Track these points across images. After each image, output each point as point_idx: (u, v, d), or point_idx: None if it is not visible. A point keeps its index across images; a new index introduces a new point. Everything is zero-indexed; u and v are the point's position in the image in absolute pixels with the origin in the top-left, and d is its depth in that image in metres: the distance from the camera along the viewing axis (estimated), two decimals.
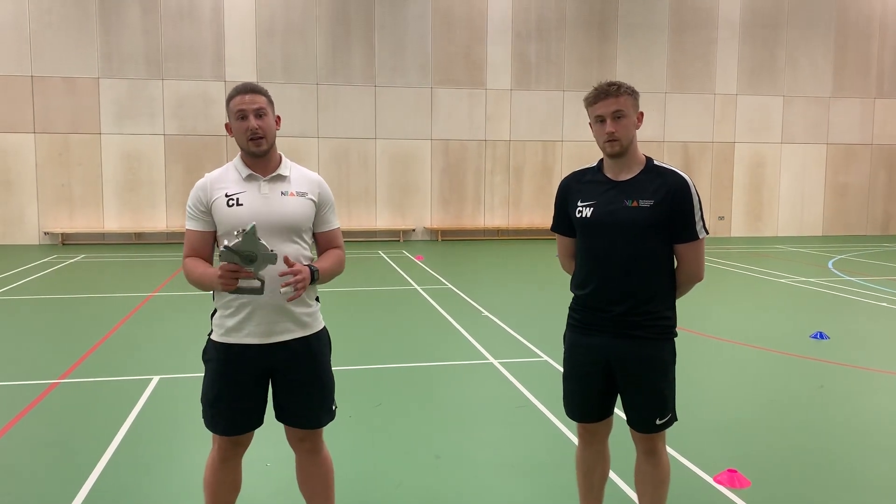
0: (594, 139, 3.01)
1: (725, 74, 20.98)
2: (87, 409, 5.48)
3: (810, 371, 6.62)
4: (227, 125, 3.11)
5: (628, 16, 20.25)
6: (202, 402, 3.03)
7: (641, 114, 2.98)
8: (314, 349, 3.04)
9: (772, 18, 21.03)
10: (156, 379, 6.09)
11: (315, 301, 3.08)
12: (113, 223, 18.19)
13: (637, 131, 2.98)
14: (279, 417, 3.09)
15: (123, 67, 17.94)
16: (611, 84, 2.92)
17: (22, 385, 6.07)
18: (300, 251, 2.97)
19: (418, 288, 11.23)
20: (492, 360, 6.87)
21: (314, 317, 3.06)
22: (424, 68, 19.38)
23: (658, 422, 3.01)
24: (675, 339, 3.06)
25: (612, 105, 2.89)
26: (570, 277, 3.25)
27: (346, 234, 19.08)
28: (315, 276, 2.92)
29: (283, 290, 2.76)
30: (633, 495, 3.84)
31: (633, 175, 2.97)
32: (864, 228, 22.24)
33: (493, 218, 20.19)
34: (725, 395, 5.97)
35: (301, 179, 3.06)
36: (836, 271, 13.48)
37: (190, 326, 8.04)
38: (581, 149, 19.96)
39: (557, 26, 19.94)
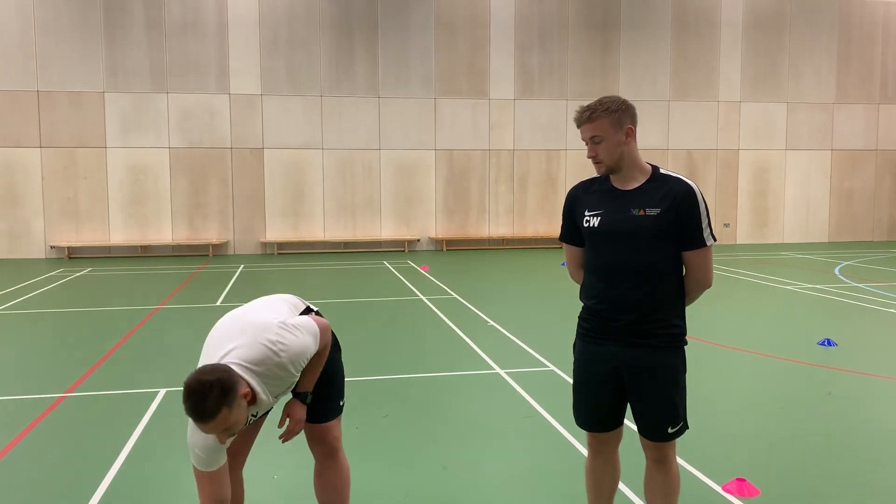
0: None
1: (729, 81, 20.99)
2: (95, 423, 5.48)
3: (818, 378, 6.59)
4: None
5: (631, 24, 20.28)
6: None
7: (630, 129, 2.95)
8: None
9: (775, 25, 21.04)
10: (163, 392, 6.09)
11: None
12: (119, 236, 18.24)
13: (639, 140, 2.99)
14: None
15: (128, 81, 18.04)
16: (584, 110, 2.95)
17: (29, 399, 6.07)
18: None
19: (423, 298, 11.23)
20: (498, 370, 6.85)
21: None
22: (428, 79, 19.44)
23: (670, 430, 3.00)
24: (685, 347, 3.05)
25: (587, 131, 2.95)
26: (576, 286, 3.25)
27: (352, 244, 19.13)
28: (307, 401, 3.07)
29: (284, 442, 3.07)
30: None
31: (640, 184, 2.97)
32: (870, 234, 22.17)
33: (498, 227, 20.18)
34: (733, 403, 5.94)
35: (277, 384, 2.86)
36: (842, 278, 13.43)
37: (197, 339, 8.02)
38: (585, 157, 19.79)
39: (560, 35, 19.99)
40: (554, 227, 19.90)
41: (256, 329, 2.81)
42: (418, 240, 19.72)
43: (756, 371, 6.91)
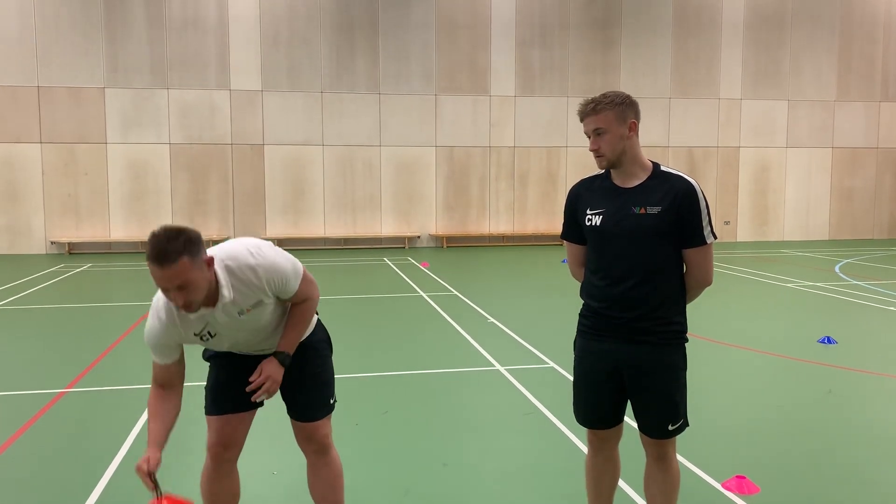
0: None
1: (729, 79, 20.97)
2: (95, 419, 5.48)
3: (818, 376, 6.59)
4: None
5: (631, 21, 20.26)
6: (205, 391, 3.16)
7: (634, 123, 2.94)
8: (307, 346, 3.15)
9: (776, 22, 21.02)
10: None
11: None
12: (119, 232, 18.24)
13: (641, 137, 2.98)
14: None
15: (129, 77, 18.02)
16: (589, 102, 2.94)
17: (29, 394, 6.08)
18: (279, 327, 3.07)
19: (424, 295, 11.23)
20: (498, 366, 6.85)
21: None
22: (428, 75, 19.42)
23: (670, 427, 3.01)
24: (686, 344, 3.05)
25: (591, 123, 2.92)
26: (576, 283, 3.26)
27: (352, 241, 19.12)
28: (285, 361, 2.99)
29: (257, 401, 2.98)
30: (643, 502, 3.82)
31: (641, 181, 2.97)
32: (870, 232, 22.16)
33: (498, 224, 20.18)
34: (733, 400, 5.94)
35: (245, 292, 2.80)
36: (843, 275, 13.43)
37: None
38: (586, 155, 19.91)
39: (561, 32, 19.97)
40: (554, 225, 19.90)
41: (240, 240, 2.94)
42: (419, 236, 19.72)
43: (756, 368, 6.92)
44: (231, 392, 3.07)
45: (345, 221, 19.26)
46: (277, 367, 2.93)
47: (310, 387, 3.14)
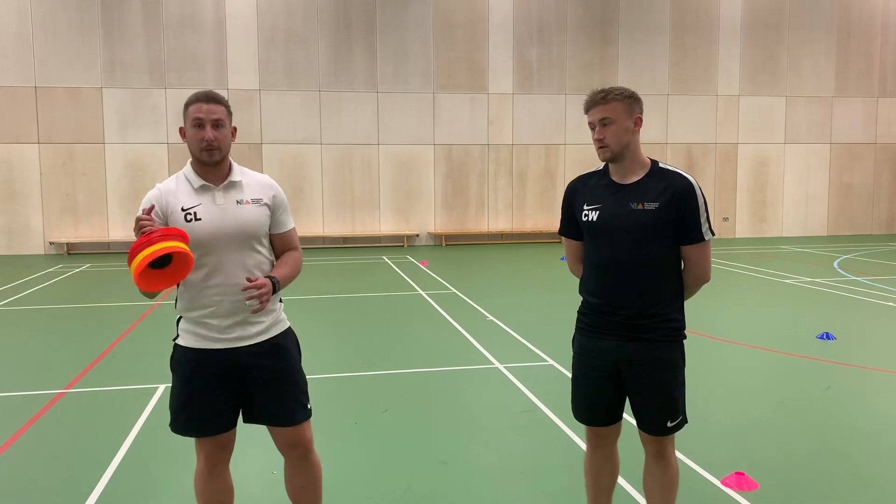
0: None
1: (728, 75, 20.96)
2: (93, 419, 5.48)
3: (817, 372, 6.60)
4: (181, 129, 3.06)
5: (629, 18, 20.25)
6: (170, 409, 3.03)
7: (639, 118, 2.96)
8: (281, 346, 3.08)
9: (773, 19, 21.01)
10: (161, 388, 6.09)
11: (278, 303, 3.15)
12: (118, 232, 18.23)
13: (640, 134, 2.99)
14: (254, 419, 3.09)
15: (126, 77, 18.00)
16: (599, 91, 2.95)
17: (28, 395, 6.08)
18: (260, 260, 3.02)
19: (423, 293, 11.23)
20: (497, 364, 6.86)
21: (277, 317, 3.11)
22: (426, 73, 19.40)
23: (669, 424, 3.01)
24: (684, 341, 3.06)
25: (599, 112, 2.92)
26: (576, 280, 3.26)
27: (350, 239, 19.12)
28: (276, 287, 2.97)
29: (247, 302, 2.87)
30: (642, 499, 3.83)
31: (639, 178, 2.97)
32: (868, 228, 22.18)
33: (497, 222, 20.18)
34: (732, 397, 5.95)
35: (254, 185, 3.07)
36: (841, 271, 13.44)
37: None
38: (584, 152, 19.95)
39: (558, 30, 19.96)
40: (553, 222, 19.90)
41: None
42: (417, 235, 19.72)
43: (755, 365, 6.92)
44: (214, 416, 3.00)
45: (343, 220, 19.26)
46: (270, 286, 2.90)
47: (284, 391, 3.08)
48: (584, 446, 3.89)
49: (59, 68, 17.71)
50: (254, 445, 3.40)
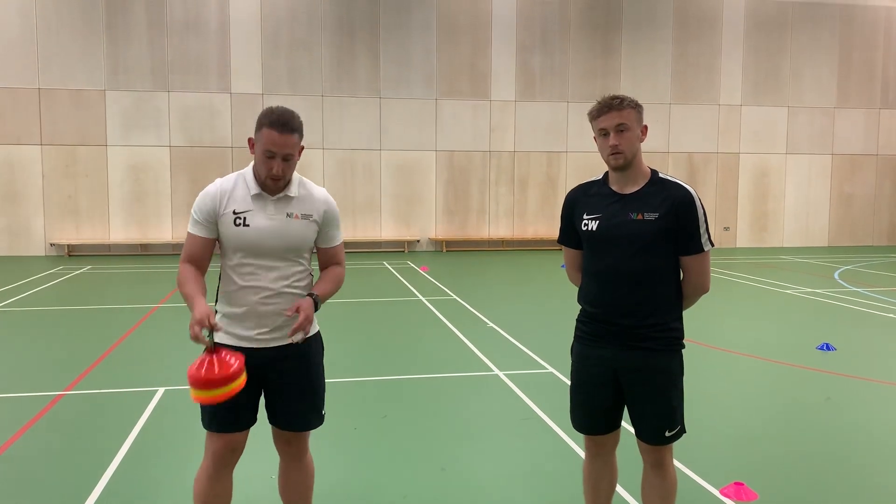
0: (598, 151, 3.03)
1: (730, 85, 21.00)
2: (93, 421, 5.48)
3: (817, 383, 6.59)
4: (250, 140, 3.04)
5: (632, 26, 20.30)
6: (206, 411, 3.07)
7: (645, 127, 2.99)
8: (308, 352, 3.13)
9: (776, 29, 21.06)
10: (161, 390, 6.09)
11: None
12: (119, 234, 18.24)
13: (642, 143, 3.00)
14: (273, 420, 3.17)
15: (130, 79, 18.05)
16: (614, 98, 2.94)
17: (28, 396, 6.08)
18: (299, 270, 3.09)
19: (423, 299, 11.23)
20: (497, 371, 6.85)
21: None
22: (429, 80, 19.45)
23: (667, 433, 3.01)
24: (683, 350, 3.06)
25: (615, 118, 2.91)
26: (576, 289, 3.26)
27: (352, 244, 19.13)
28: (318, 305, 3.03)
29: (293, 338, 2.94)
30: None
31: (639, 188, 2.98)
32: (869, 239, 22.18)
33: (498, 229, 20.19)
34: (731, 407, 5.94)
35: (307, 200, 3.07)
36: (842, 282, 13.44)
37: None
38: (585, 160, 19.98)
39: (561, 37, 20.00)
40: (554, 229, 19.90)
41: None
42: (418, 241, 19.73)
43: (754, 375, 6.92)
44: (236, 412, 3.04)
45: (344, 225, 19.05)
46: (311, 305, 2.97)
47: (304, 398, 3.13)
48: (582, 454, 3.89)
49: (62, 70, 17.75)
50: (254, 450, 3.40)
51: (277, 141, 2.88)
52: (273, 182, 2.95)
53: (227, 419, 3.04)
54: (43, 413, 5.60)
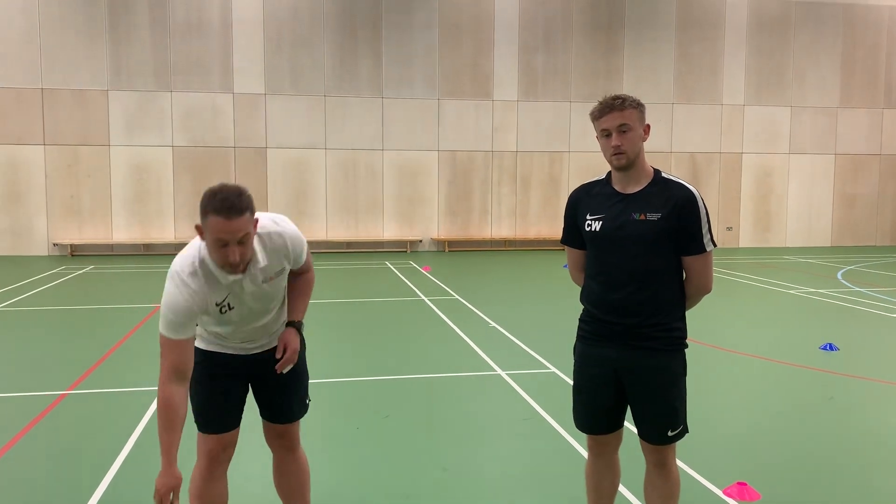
0: (601, 151, 3.02)
1: (733, 85, 20.97)
2: (96, 421, 5.48)
3: (820, 383, 6.58)
4: (198, 227, 2.71)
5: (635, 26, 20.28)
6: (192, 405, 3.09)
7: (648, 126, 2.98)
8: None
9: (779, 29, 21.03)
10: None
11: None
12: (122, 234, 18.26)
13: (644, 143, 2.99)
14: (261, 413, 3.26)
15: (132, 79, 18.07)
16: (615, 98, 2.93)
17: (30, 396, 6.08)
18: (278, 310, 3.12)
19: (425, 299, 11.23)
20: (499, 371, 6.85)
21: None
22: (431, 80, 19.44)
23: (670, 433, 3.00)
24: (685, 350, 3.06)
25: (617, 119, 2.90)
26: (578, 288, 3.26)
27: (354, 244, 19.14)
28: (301, 329, 3.11)
29: (283, 371, 3.02)
30: None
31: (641, 188, 2.97)
32: (873, 239, 22.14)
33: (501, 229, 20.19)
34: (735, 407, 5.94)
35: (272, 256, 2.89)
36: (845, 282, 13.42)
37: None
38: (588, 160, 19.96)
39: (564, 37, 19.99)
40: (556, 229, 19.90)
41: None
42: (420, 241, 19.72)
43: (757, 375, 6.91)
44: (225, 409, 3.11)
45: (347, 225, 19.28)
46: (296, 335, 3.04)
47: (290, 389, 3.20)
48: (585, 454, 3.89)
49: (65, 70, 17.77)
50: (253, 449, 3.40)
51: (227, 228, 2.58)
52: (232, 270, 2.73)
53: (218, 420, 3.09)
54: (45, 413, 5.60)
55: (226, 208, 2.57)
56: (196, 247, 2.82)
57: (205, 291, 2.77)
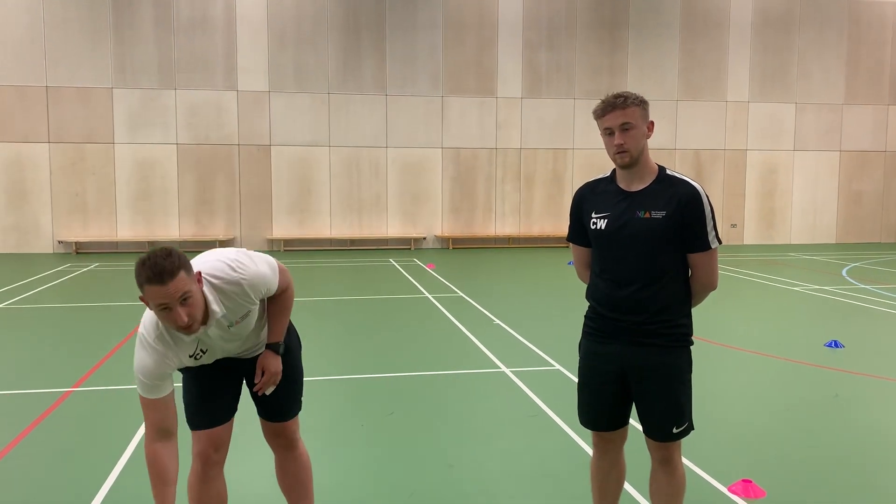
0: (605, 149, 3.02)
1: (737, 81, 20.92)
2: (101, 418, 5.50)
3: (825, 380, 6.57)
4: (142, 298, 2.63)
5: (639, 23, 20.24)
6: (184, 402, 3.10)
7: (652, 123, 2.97)
8: (287, 347, 3.20)
9: (783, 25, 20.96)
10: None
11: None
12: (126, 232, 18.30)
13: (649, 140, 2.98)
14: (257, 409, 3.25)
15: (137, 77, 18.08)
16: (618, 96, 2.93)
17: (36, 393, 6.10)
18: (258, 329, 3.10)
19: (429, 296, 11.23)
20: (504, 368, 6.85)
21: None
22: (435, 77, 19.43)
23: (675, 430, 3.00)
24: (691, 347, 3.05)
25: (619, 117, 2.90)
26: (583, 285, 3.26)
27: (358, 242, 19.15)
28: (280, 351, 3.09)
29: (260, 393, 3.03)
30: None
31: (646, 185, 2.97)
32: (878, 236, 22.08)
33: (504, 226, 20.17)
34: (740, 404, 5.93)
35: (234, 306, 2.84)
36: (850, 279, 13.38)
37: None
38: (592, 157, 19.94)
39: (568, 34, 19.96)
40: (560, 227, 19.89)
41: (215, 253, 2.91)
42: (424, 238, 19.72)
43: (762, 372, 6.90)
44: (214, 405, 3.10)
45: (351, 222, 19.29)
46: (274, 357, 3.03)
47: (282, 388, 3.19)
48: (590, 451, 3.88)
49: (69, 68, 17.80)
50: (254, 447, 3.41)
51: (163, 293, 2.54)
52: (186, 331, 2.66)
53: (207, 415, 3.08)
54: (51, 410, 5.62)
55: (157, 274, 2.53)
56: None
57: (174, 351, 2.80)
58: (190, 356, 2.86)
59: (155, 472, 2.76)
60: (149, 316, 2.79)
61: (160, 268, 2.53)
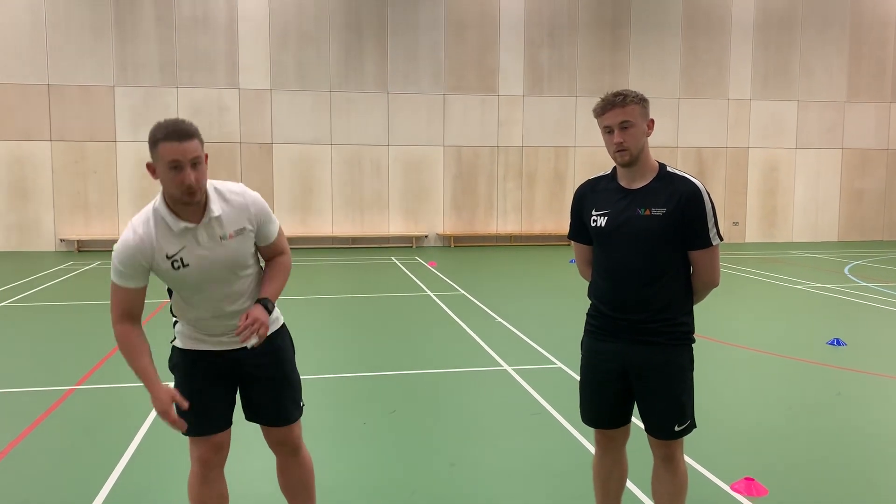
0: (605, 147, 3.02)
1: (739, 79, 20.89)
2: (104, 416, 5.51)
3: (827, 378, 6.57)
4: (149, 165, 2.77)
5: (640, 21, 20.21)
6: (178, 414, 3.00)
7: (652, 121, 2.97)
8: (276, 345, 3.11)
9: (785, 23, 20.93)
10: (171, 385, 6.10)
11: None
12: None
13: (650, 137, 2.98)
14: (250, 418, 3.17)
15: (138, 75, 18.09)
16: (617, 94, 2.92)
17: (38, 391, 6.11)
18: (247, 280, 2.99)
19: (431, 294, 11.23)
20: (506, 366, 6.85)
21: (272, 316, 3.07)
22: (437, 75, 19.42)
23: (677, 428, 3.00)
24: (693, 345, 3.05)
25: (618, 115, 2.89)
26: (584, 283, 3.26)
27: (359, 240, 19.14)
28: (270, 308, 2.93)
29: (248, 345, 2.82)
30: (651, 503, 3.82)
31: (646, 182, 2.97)
32: (880, 234, 22.05)
33: (506, 224, 20.17)
34: (742, 402, 5.93)
35: (232, 214, 2.87)
36: (852, 277, 13.37)
37: None
38: (593, 154, 19.93)
39: (570, 32, 19.93)
40: (562, 224, 19.88)
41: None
42: (426, 236, 19.72)
43: (764, 370, 6.89)
44: (208, 417, 3.03)
45: (352, 220, 19.29)
46: (263, 311, 2.87)
47: (282, 391, 3.12)
48: (592, 449, 3.88)
49: (71, 66, 17.81)
50: (255, 446, 3.41)
51: (179, 150, 2.64)
52: (190, 196, 2.72)
53: (206, 422, 3.03)
54: (53, 408, 5.63)
55: (175, 133, 2.65)
56: (153, 202, 2.90)
57: (152, 237, 2.79)
58: (168, 257, 2.80)
59: (127, 347, 2.89)
60: (143, 211, 2.88)
61: (179, 128, 2.66)
